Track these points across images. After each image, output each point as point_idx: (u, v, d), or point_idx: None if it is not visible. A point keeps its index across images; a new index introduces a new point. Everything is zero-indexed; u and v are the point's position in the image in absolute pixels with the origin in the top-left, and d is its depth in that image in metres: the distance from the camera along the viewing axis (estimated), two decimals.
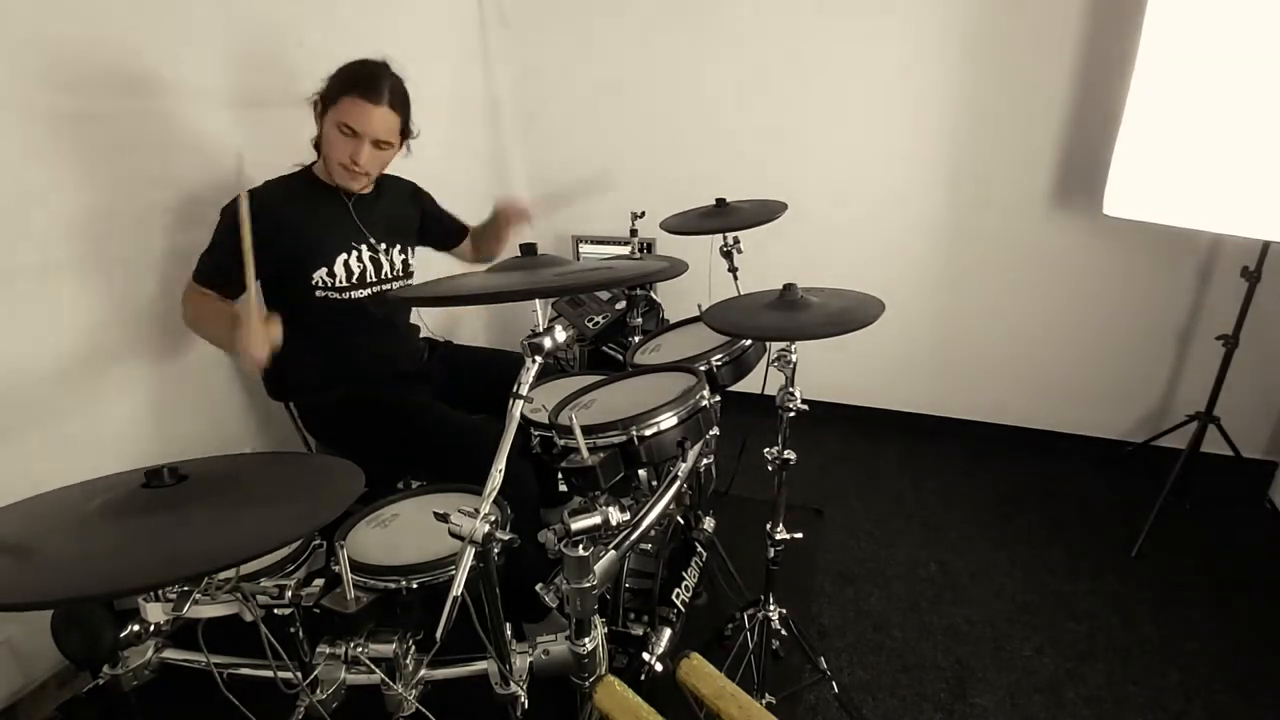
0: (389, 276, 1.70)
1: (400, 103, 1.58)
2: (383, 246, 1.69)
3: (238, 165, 1.65)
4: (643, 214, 2.41)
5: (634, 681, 1.11)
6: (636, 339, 2.09)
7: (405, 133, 1.63)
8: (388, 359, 1.72)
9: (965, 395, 2.78)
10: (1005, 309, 2.60)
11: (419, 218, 1.85)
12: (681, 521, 1.73)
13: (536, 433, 1.35)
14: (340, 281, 1.61)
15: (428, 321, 1.90)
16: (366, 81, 1.52)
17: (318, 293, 1.59)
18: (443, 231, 1.94)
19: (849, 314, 1.22)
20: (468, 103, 2.75)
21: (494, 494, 0.92)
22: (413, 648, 1.16)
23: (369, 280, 1.65)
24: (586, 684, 1.09)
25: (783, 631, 1.58)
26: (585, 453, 1.10)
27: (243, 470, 0.97)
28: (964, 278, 2.61)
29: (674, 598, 1.56)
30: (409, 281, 1.75)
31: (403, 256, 1.74)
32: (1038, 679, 1.69)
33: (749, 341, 1.54)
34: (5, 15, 1.32)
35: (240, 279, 1.36)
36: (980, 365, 2.71)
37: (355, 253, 1.64)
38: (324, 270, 1.59)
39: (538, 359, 0.94)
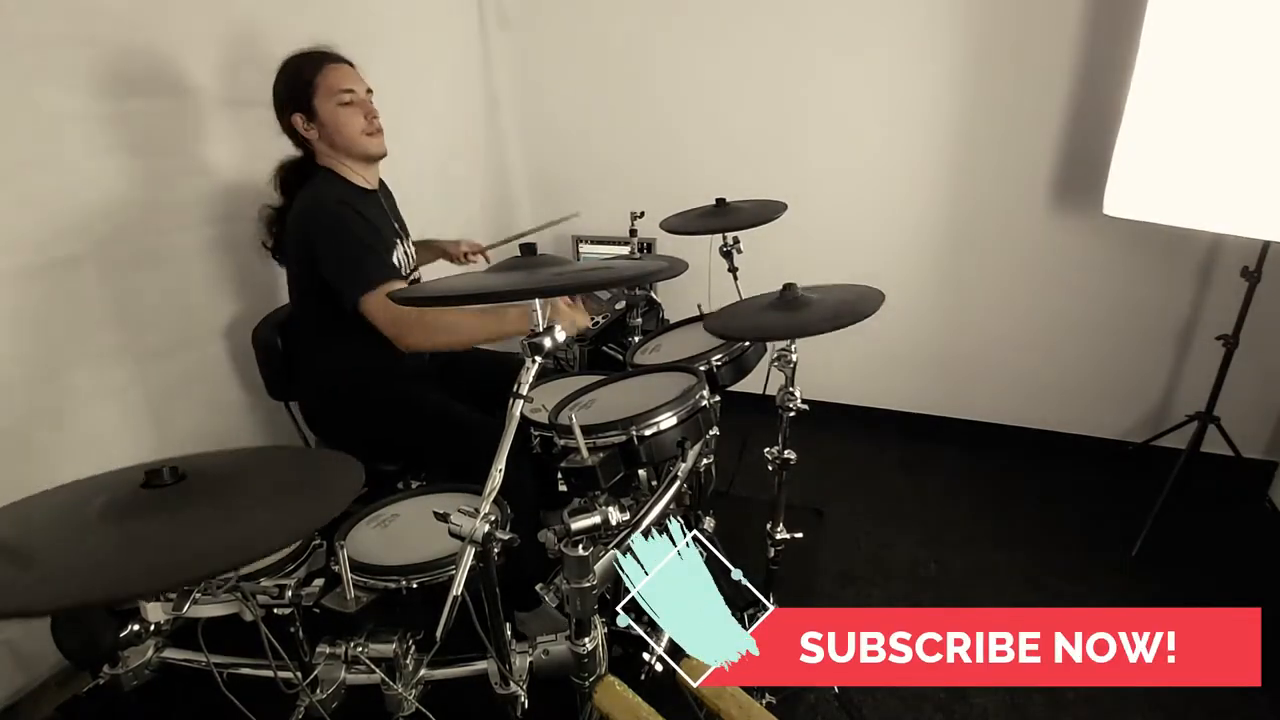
0: (412, 268, 1.73)
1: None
2: (408, 240, 1.74)
3: None
4: (642, 214, 2.40)
5: (634, 681, 1.10)
6: (636, 339, 2.08)
7: None
8: (394, 355, 1.72)
9: (965, 395, 2.77)
10: (1005, 309, 2.60)
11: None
12: (681, 521, 1.72)
13: (536, 433, 1.35)
14: None
15: None
16: (322, 54, 1.56)
17: None
18: None
19: (849, 307, 1.22)
20: (467, 102, 2.74)
21: (494, 494, 0.92)
22: (413, 648, 1.16)
23: (404, 273, 1.68)
24: (586, 684, 1.09)
25: None
26: (585, 453, 1.10)
27: (243, 469, 0.97)
28: (964, 277, 2.61)
29: None
30: (417, 274, 1.77)
31: (413, 249, 1.77)
32: None
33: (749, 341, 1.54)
34: (7, 15, 1.32)
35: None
36: (980, 365, 2.70)
37: (400, 246, 1.67)
38: None
39: (538, 359, 0.94)
